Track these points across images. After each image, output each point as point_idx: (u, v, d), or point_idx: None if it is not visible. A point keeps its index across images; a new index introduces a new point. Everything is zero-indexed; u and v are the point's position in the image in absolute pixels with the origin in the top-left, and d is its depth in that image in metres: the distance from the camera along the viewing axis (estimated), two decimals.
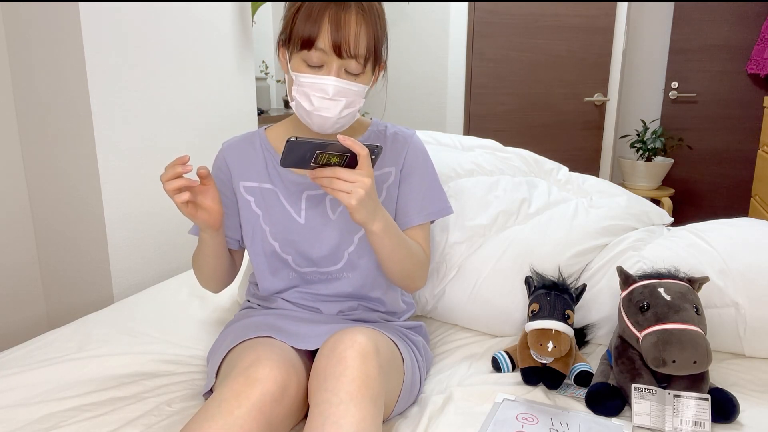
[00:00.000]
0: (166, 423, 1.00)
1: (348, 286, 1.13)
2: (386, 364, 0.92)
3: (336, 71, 0.97)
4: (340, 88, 0.98)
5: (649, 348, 0.99)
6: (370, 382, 0.83)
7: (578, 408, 1.05)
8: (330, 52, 0.95)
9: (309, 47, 0.95)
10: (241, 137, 1.17)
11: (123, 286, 1.74)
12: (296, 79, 0.99)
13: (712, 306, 1.23)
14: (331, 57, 0.96)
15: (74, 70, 1.57)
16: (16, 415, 1.01)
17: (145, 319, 1.40)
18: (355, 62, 0.96)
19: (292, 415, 0.90)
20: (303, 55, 0.97)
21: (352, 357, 0.85)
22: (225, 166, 1.14)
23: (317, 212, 1.11)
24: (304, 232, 1.10)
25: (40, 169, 1.70)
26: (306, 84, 0.98)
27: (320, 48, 0.95)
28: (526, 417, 1.00)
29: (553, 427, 0.97)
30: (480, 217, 1.42)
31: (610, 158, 3.46)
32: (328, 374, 0.84)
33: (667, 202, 3.24)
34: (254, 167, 1.13)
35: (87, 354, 1.23)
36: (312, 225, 1.11)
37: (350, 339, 0.88)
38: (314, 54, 0.95)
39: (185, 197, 0.94)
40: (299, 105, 1.01)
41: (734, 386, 1.12)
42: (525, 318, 1.28)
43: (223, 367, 1.01)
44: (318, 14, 0.94)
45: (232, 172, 1.13)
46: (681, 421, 0.97)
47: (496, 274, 1.36)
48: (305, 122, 1.03)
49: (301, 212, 1.11)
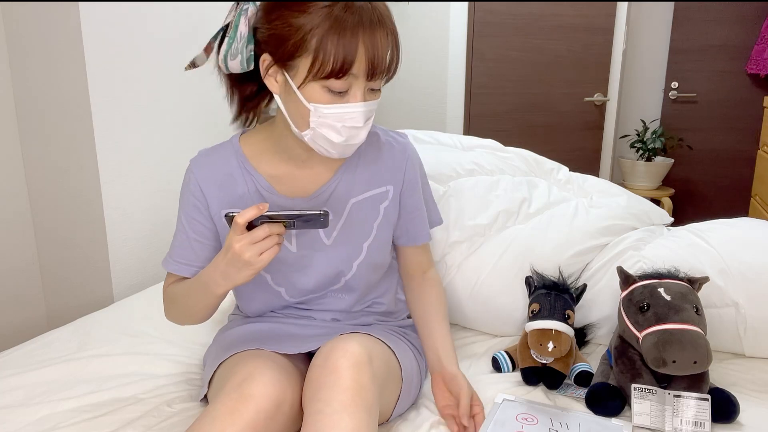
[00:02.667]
0: (166, 424, 1.00)
1: (343, 304, 1.10)
2: (381, 372, 0.91)
3: (363, 95, 0.86)
4: (367, 111, 0.88)
5: (649, 348, 0.99)
6: (363, 392, 0.83)
7: (578, 408, 1.05)
8: (362, 76, 0.85)
9: (341, 75, 0.83)
10: (212, 153, 1.02)
11: (123, 286, 1.74)
12: (315, 111, 0.86)
13: (712, 306, 1.23)
14: (360, 80, 0.85)
15: (74, 70, 1.57)
16: (16, 415, 1.01)
17: (145, 319, 1.40)
18: (380, 80, 0.88)
19: (287, 430, 0.88)
20: (327, 84, 0.84)
21: (344, 367, 0.84)
22: (199, 192, 1.00)
23: (309, 239, 1.03)
24: (297, 261, 1.03)
25: (40, 169, 1.70)
26: (331, 115, 0.86)
27: (352, 74, 0.84)
28: (525, 417, 1.00)
29: (553, 428, 0.97)
30: (480, 216, 1.42)
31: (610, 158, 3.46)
32: (321, 384, 0.83)
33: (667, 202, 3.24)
34: (235, 192, 1.00)
35: (87, 354, 1.23)
36: (304, 253, 1.03)
37: (343, 348, 0.87)
38: (344, 82, 0.84)
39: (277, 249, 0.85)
40: (320, 137, 0.89)
41: (734, 386, 1.12)
42: (525, 318, 1.28)
43: (215, 379, 0.99)
44: (351, 37, 0.81)
45: (208, 200, 1.00)
46: (681, 421, 0.97)
47: (496, 274, 1.35)
48: (321, 151, 0.92)
49: (292, 239, 1.02)
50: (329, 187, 1.02)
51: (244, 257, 0.82)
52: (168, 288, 1.04)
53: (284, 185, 1.02)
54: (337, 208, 1.03)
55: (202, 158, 1.02)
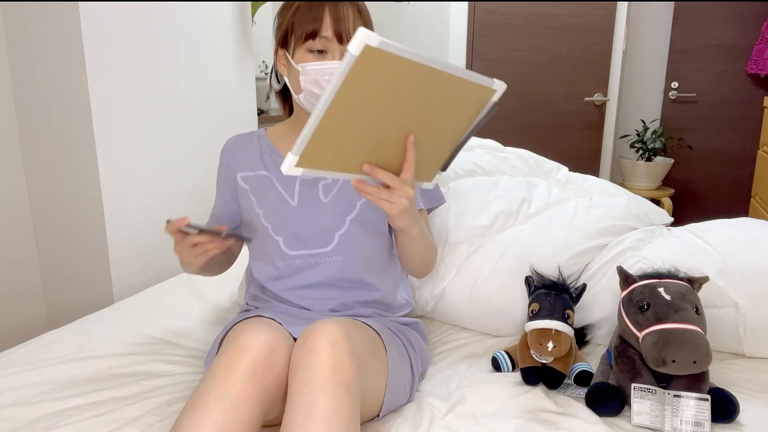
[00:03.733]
0: (166, 423, 1.00)
1: (338, 271, 1.14)
2: (361, 350, 0.92)
3: (340, 56, 1.03)
4: None
5: (649, 348, 0.99)
6: (340, 369, 0.84)
7: (579, 408, 1.05)
8: (333, 39, 1.03)
9: (314, 36, 1.03)
10: (243, 135, 1.24)
11: (123, 286, 1.74)
12: (303, 69, 1.04)
13: (712, 306, 1.23)
14: (334, 44, 1.03)
15: (74, 70, 1.57)
16: (16, 415, 1.01)
17: (145, 319, 1.40)
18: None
19: (283, 383, 0.90)
20: (307, 45, 1.04)
21: (321, 346, 0.86)
22: (225, 162, 1.21)
23: (310, 196, 1.15)
24: (296, 212, 1.14)
25: (40, 169, 1.70)
26: (314, 71, 1.03)
27: (324, 36, 1.03)
28: None
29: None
30: (480, 217, 1.42)
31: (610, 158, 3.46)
32: (299, 365, 0.86)
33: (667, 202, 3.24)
34: (251, 158, 1.19)
35: (87, 354, 1.23)
36: (304, 207, 1.14)
37: (322, 329, 0.90)
38: (318, 42, 1.03)
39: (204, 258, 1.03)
40: (309, 93, 1.06)
41: (734, 386, 1.12)
42: (525, 318, 1.28)
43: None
44: (318, 8, 1.04)
45: (230, 167, 1.20)
46: (681, 421, 0.97)
47: (496, 274, 1.36)
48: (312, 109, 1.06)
49: (294, 195, 1.15)
50: None
51: (182, 257, 1.04)
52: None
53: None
54: None
55: (234, 137, 1.24)
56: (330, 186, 1.15)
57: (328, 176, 0.86)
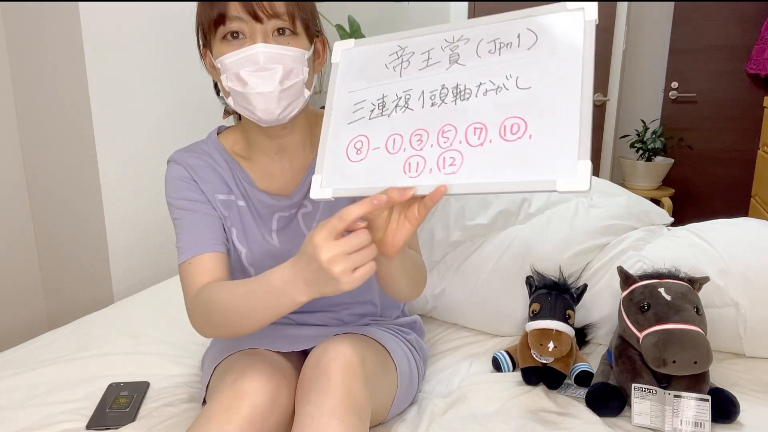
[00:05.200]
0: (167, 424, 1.00)
1: (335, 297, 1.06)
2: (374, 374, 0.90)
3: (262, 37, 0.84)
4: (272, 54, 0.85)
5: (649, 348, 0.99)
6: (353, 395, 0.81)
7: (579, 408, 1.05)
8: (246, 16, 0.83)
9: (223, 20, 0.84)
10: (191, 148, 1.00)
11: (123, 286, 1.74)
12: (222, 65, 0.86)
13: (712, 306, 1.23)
14: (251, 24, 0.84)
15: (74, 70, 1.57)
16: (16, 415, 1.01)
17: (145, 319, 1.40)
18: (279, 20, 0.85)
19: (285, 424, 0.88)
20: (220, 33, 0.85)
21: (335, 369, 0.83)
22: (189, 176, 0.97)
23: (291, 232, 1.00)
24: (280, 254, 0.99)
25: (40, 169, 1.70)
26: (231, 63, 0.85)
27: (234, 15, 0.83)
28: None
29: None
30: (480, 216, 1.42)
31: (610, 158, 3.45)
32: (311, 386, 0.83)
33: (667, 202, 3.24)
34: (223, 179, 0.98)
35: (87, 354, 1.23)
36: (287, 247, 1.00)
37: (335, 350, 0.85)
38: (231, 24, 0.84)
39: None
40: (234, 92, 0.87)
41: (734, 386, 1.12)
42: (525, 318, 1.28)
43: (212, 382, 0.99)
44: None
45: (200, 185, 0.97)
46: (681, 422, 0.96)
47: (496, 274, 1.36)
48: (249, 115, 0.90)
49: (272, 234, 1.00)
50: (306, 181, 1.00)
51: (333, 272, 0.68)
52: (205, 293, 0.87)
53: (265, 183, 1.01)
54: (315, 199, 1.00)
55: (182, 152, 1.00)
56: (310, 214, 1.00)
57: (360, 194, 0.72)
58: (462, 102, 0.71)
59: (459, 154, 0.69)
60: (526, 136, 0.66)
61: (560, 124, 0.64)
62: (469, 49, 0.73)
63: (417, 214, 0.72)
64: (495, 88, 0.70)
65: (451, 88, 0.72)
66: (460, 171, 0.68)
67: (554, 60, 0.67)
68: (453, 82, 0.72)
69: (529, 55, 0.69)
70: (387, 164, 0.72)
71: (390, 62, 0.77)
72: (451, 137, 0.70)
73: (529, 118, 0.66)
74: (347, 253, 0.68)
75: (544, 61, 0.68)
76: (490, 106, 0.69)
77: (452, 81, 0.72)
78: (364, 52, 0.80)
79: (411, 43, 0.77)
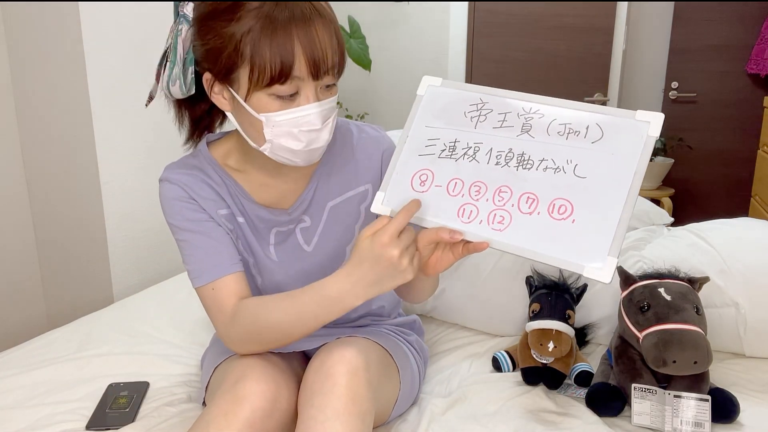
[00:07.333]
0: (167, 424, 1.00)
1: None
2: (377, 378, 0.90)
3: (315, 95, 0.82)
4: (325, 112, 0.84)
5: (649, 348, 0.99)
6: (358, 399, 0.82)
7: (579, 408, 1.05)
8: (307, 77, 0.80)
9: (283, 80, 0.79)
10: (185, 164, 0.97)
11: (123, 286, 1.74)
12: (268, 120, 0.82)
13: (712, 306, 1.23)
14: (307, 81, 0.81)
15: (74, 70, 1.57)
16: (16, 415, 1.01)
17: (145, 319, 1.40)
18: (330, 77, 0.84)
19: (286, 427, 0.88)
20: (273, 90, 0.80)
21: (340, 373, 0.83)
22: (187, 197, 0.93)
23: (289, 247, 0.99)
24: (280, 269, 1.00)
25: (40, 169, 1.70)
26: (285, 122, 0.82)
27: (296, 76, 0.79)
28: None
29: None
30: None
31: None
32: (315, 390, 0.83)
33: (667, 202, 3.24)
34: (220, 195, 0.95)
35: (87, 354, 1.23)
36: (286, 263, 0.99)
37: (339, 354, 0.85)
38: (289, 85, 0.80)
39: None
40: (279, 147, 0.85)
41: (734, 386, 1.12)
42: (525, 318, 1.28)
43: (211, 383, 0.98)
44: (284, 36, 0.77)
45: (200, 203, 0.94)
46: (681, 422, 0.97)
47: (496, 274, 1.36)
48: (285, 161, 0.88)
49: (270, 248, 0.99)
50: (306, 196, 0.98)
51: (403, 264, 0.76)
52: (248, 313, 0.88)
53: (261, 196, 0.98)
54: (315, 213, 0.99)
55: (174, 170, 0.96)
56: (309, 230, 0.99)
57: (415, 221, 0.80)
58: (523, 170, 0.78)
59: (509, 216, 0.77)
60: (569, 219, 0.74)
61: (602, 219, 0.71)
62: (541, 124, 0.79)
63: (460, 252, 0.80)
64: (555, 167, 0.76)
65: (517, 154, 0.79)
66: (506, 230, 0.76)
67: (612, 160, 0.74)
68: (520, 150, 0.79)
69: (592, 147, 0.76)
70: (444, 203, 0.80)
71: (469, 111, 0.84)
72: (506, 198, 0.78)
73: (577, 205, 0.74)
74: (408, 247, 0.77)
75: (604, 158, 0.74)
76: (547, 182, 0.76)
77: (519, 148, 0.79)
78: (448, 93, 0.86)
79: (491, 101, 0.83)
